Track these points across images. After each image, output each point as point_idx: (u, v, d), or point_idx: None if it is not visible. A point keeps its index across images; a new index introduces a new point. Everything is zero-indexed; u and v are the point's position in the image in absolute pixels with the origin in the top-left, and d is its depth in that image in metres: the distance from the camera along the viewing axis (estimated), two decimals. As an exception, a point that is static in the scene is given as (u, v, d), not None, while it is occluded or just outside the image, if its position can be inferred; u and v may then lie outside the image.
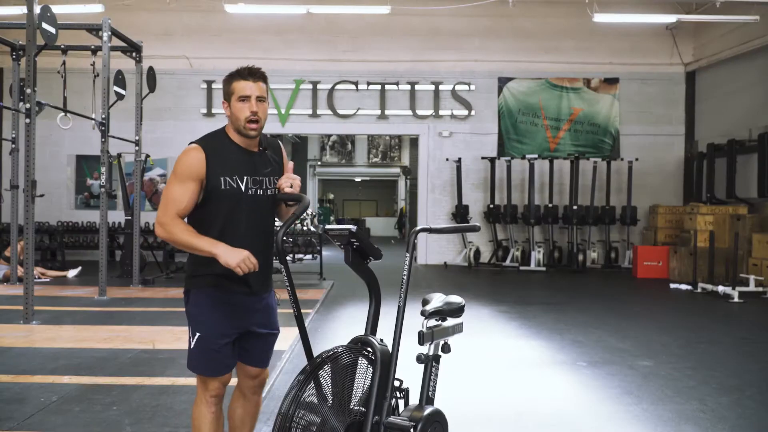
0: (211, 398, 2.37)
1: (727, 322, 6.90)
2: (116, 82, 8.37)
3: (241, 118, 2.33)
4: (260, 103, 2.34)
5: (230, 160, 2.36)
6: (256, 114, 2.33)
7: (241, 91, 2.32)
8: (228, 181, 2.34)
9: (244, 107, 2.32)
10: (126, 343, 5.12)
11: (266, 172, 2.44)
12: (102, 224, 7.85)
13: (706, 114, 12.46)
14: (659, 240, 11.77)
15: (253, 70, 2.36)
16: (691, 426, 3.43)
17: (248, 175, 2.38)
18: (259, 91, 2.34)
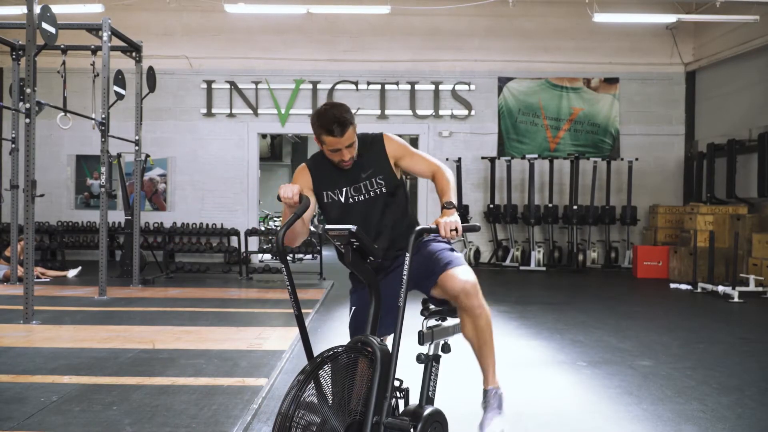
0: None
1: (727, 322, 6.90)
2: (116, 82, 8.37)
3: (334, 160, 2.62)
4: (350, 148, 2.58)
5: (327, 176, 2.67)
6: (347, 160, 2.59)
7: (331, 145, 2.56)
8: (329, 194, 2.68)
9: (334, 155, 2.59)
10: (126, 343, 5.12)
11: (365, 176, 2.65)
12: (102, 224, 7.85)
13: (706, 114, 12.46)
14: (659, 240, 11.77)
15: (339, 122, 2.51)
16: (691, 426, 3.43)
17: (347, 186, 2.66)
18: (349, 139, 2.55)
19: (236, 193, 12.76)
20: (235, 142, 12.75)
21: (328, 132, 2.52)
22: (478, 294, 2.46)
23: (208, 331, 5.74)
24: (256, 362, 4.57)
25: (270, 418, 3.45)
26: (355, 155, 2.61)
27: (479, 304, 2.48)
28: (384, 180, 2.66)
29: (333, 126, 2.51)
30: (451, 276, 2.50)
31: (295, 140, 22.72)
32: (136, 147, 8.97)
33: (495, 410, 2.66)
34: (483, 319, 2.53)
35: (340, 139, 2.52)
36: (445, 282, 2.49)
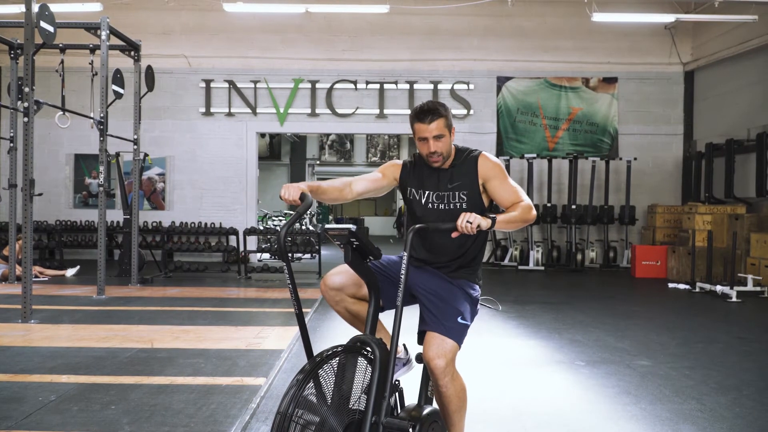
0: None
1: (725, 321, 6.91)
2: (115, 81, 8.36)
3: (423, 154, 2.64)
4: (438, 141, 2.58)
5: (418, 176, 2.71)
6: (435, 152, 2.58)
7: (419, 133, 2.59)
8: (413, 191, 2.72)
9: (423, 146, 2.61)
10: (124, 342, 5.12)
11: (450, 187, 2.65)
12: (100, 223, 7.84)
13: (704, 113, 12.47)
14: (658, 239, 11.78)
15: (429, 110, 2.58)
16: (689, 425, 3.43)
17: (431, 190, 2.68)
18: (437, 130, 2.57)
19: (235, 192, 12.75)
20: (234, 142, 12.74)
21: (417, 118, 2.59)
22: (444, 375, 2.41)
23: (207, 330, 5.73)
24: (255, 361, 4.56)
25: (269, 417, 3.45)
26: (444, 153, 2.61)
27: (444, 384, 2.43)
28: (467, 197, 2.63)
29: (422, 113, 2.58)
30: (429, 342, 2.45)
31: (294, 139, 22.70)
32: (135, 146, 8.96)
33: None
34: (448, 397, 2.48)
35: (427, 127, 2.56)
36: (426, 341, 2.48)
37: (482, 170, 2.65)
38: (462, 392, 2.53)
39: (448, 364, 2.42)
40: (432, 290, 2.58)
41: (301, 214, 2.28)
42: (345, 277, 2.61)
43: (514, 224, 2.46)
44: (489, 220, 2.31)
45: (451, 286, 2.61)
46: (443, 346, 2.43)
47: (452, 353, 2.45)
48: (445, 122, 2.60)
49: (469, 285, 2.67)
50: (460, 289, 2.62)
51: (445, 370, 2.41)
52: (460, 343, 2.49)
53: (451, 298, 2.55)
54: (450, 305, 2.52)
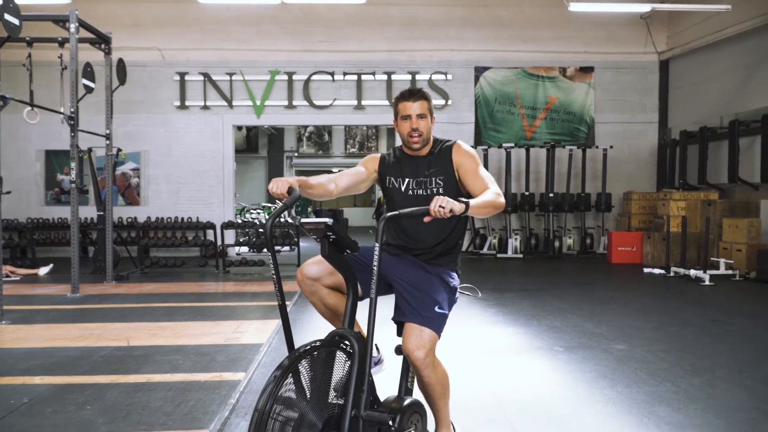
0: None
1: (699, 305, 7.01)
2: (85, 75, 8.20)
3: (404, 133, 2.71)
4: (421, 120, 2.69)
5: (396, 166, 2.79)
6: (417, 129, 2.67)
7: (403, 111, 2.70)
8: (392, 180, 2.78)
9: (406, 124, 2.70)
10: (100, 341, 5.05)
11: (428, 173, 2.71)
12: (73, 220, 7.71)
13: (679, 102, 12.61)
14: (633, 226, 11.92)
15: (414, 91, 2.72)
16: (665, 407, 3.48)
17: (410, 177, 2.74)
18: (421, 109, 2.69)
19: (212, 186, 12.63)
20: (210, 135, 12.60)
21: (402, 97, 2.71)
22: (425, 366, 2.41)
23: (185, 326, 5.68)
24: (234, 356, 4.53)
25: (248, 412, 3.42)
26: (424, 134, 2.69)
27: (426, 374, 2.44)
28: (444, 182, 2.68)
29: (408, 92, 2.71)
30: (408, 334, 2.44)
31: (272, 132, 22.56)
32: (107, 141, 8.82)
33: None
34: (431, 386, 2.49)
35: (412, 105, 2.67)
36: (404, 332, 2.47)
37: (456, 159, 2.71)
38: (444, 379, 2.56)
39: (428, 355, 2.42)
40: (409, 280, 2.57)
41: (288, 206, 2.27)
42: (322, 267, 2.59)
43: (486, 209, 2.45)
44: (462, 205, 2.29)
45: (428, 275, 2.61)
46: (422, 337, 2.42)
47: (431, 343, 2.45)
48: (428, 105, 2.73)
49: (447, 273, 2.67)
50: (438, 277, 2.62)
51: (425, 361, 2.41)
52: (439, 332, 2.49)
53: (428, 288, 2.55)
54: (427, 295, 2.52)
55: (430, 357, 2.43)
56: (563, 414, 3.43)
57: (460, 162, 2.69)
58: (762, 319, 6.10)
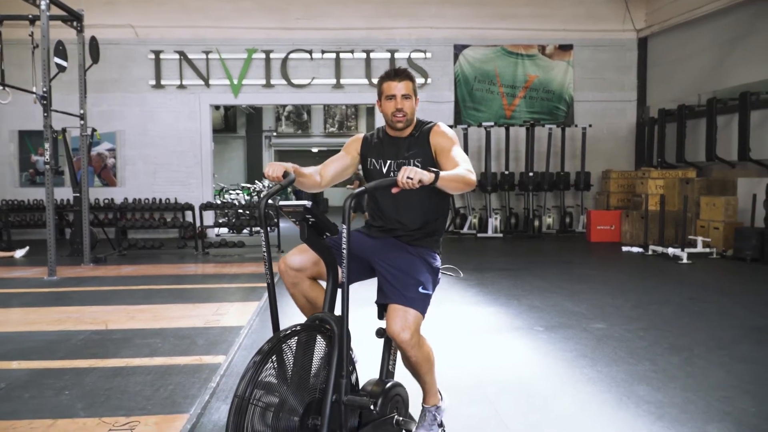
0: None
1: (677, 283, 7.10)
2: (57, 54, 8.01)
3: (388, 113, 2.68)
4: (405, 100, 2.66)
5: (377, 147, 2.77)
6: (401, 110, 2.65)
7: (387, 90, 2.67)
8: (373, 161, 2.77)
9: (390, 104, 2.67)
10: (78, 325, 4.98)
11: (408, 155, 2.69)
12: (48, 202, 7.57)
13: (657, 80, 12.66)
14: (612, 204, 12.02)
15: (399, 71, 2.68)
16: (644, 386, 3.52)
17: (392, 159, 2.72)
18: (405, 89, 2.66)
19: (189, 166, 12.47)
20: (187, 114, 12.42)
21: (387, 77, 2.67)
22: (411, 347, 2.40)
23: (164, 308, 5.62)
24: (214, 339, 4.50)
25: (229, 396, 3.40)
26: (408, 114, 2.66)
27: (413, 354, 2.43)
28: (421, 164, 2.64)
29: (393, 72, 2.68)
30: (392, 316, 2.42)
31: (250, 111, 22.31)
32: (82, 121, 8.65)
33: (424, 427, 2.66)
34: (418, 364, 2.50)
35: (397, 84, 2.64)
36: (388, 314, 2.45)
37: (433, 140, 2.68)
38: (430, 355, 2.58)
39: (413, 335, 2.41)
40: (391, 262, 2.55)
41: (283, 186, 2.28)
42: (306, 258, 2.56)
43: (456, 183, 2.37)
44: (432, 174, 2.22)
45: (411, 257, 2.59)
46: (407, 318, 2.41)
47: (416, 324, 2.43)
48: (413, 86, 2.69)
49: (429, 254, 2.66)
50: (420, 258, 2.61)
51: (411, 342, 2.41)
52: (423, 312, 2.48)
53: (411, 269, 2.53)
54: (410, 276, 2.50)
55: (416, 338, 2.42)
56: (544, 394, 3.46)
57: (436, 142, 2.66)
58: (739, 297, 6.20)
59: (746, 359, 4.03)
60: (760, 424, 2.96)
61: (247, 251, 10.04)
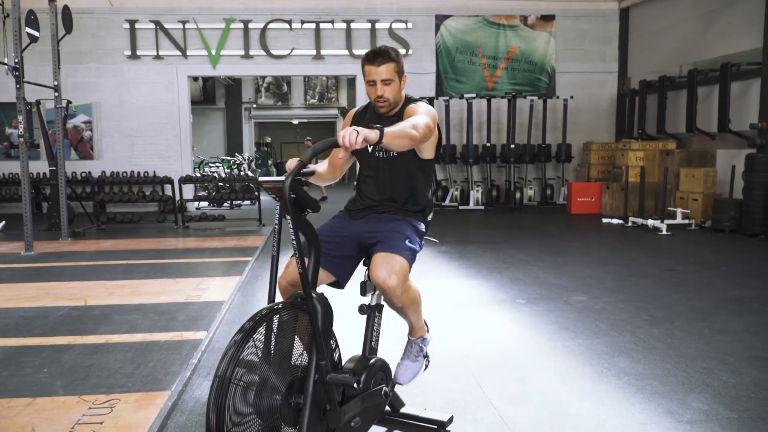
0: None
1: (656, 254, 7.17)
2: (28, 23, 7.76)
3: (371, 97, 2.59)
4: (387, 86, 2.53)
5: (365, 123, 2.58)
6: (382, 97, 2.54)
7: (368, 75, 2.54)
8: None
9: (371, 90, 2.56)
10: (56, 301, 4.91)
11: None
12: (24, 175, 7.41)
13: (638, 51, 12.63)
14: (592, 176, 12.07)
15: (379, 53, 2.53)
16: (624, 358, 3.56)
17: None
18: (386, 74, 2.52)
19: (168, 139, 12.28)
20: (164, 86, 12.18)
21: (367, 60, 2.54)
22: (396, 292, 2.34)
23: (143, 284, 5.56)
24: (195, 315, 4.46)
25: (211, 372, 3.38)
26: (391, 100, 2.56)
27: (399, 302, 2.38)
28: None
29: (372, 54, 2.53)
30: (377, 263, 2.36)
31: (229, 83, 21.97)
32: (56, 93, 8.43)
33: (410, 358, 2.66)
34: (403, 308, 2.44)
35: (377, 69, 2.51)
36: (372, 263, 2.39)
37: (406, 114, 2.57)
38: (416, 297, 2.51)
39: (401, 283, 2.35)
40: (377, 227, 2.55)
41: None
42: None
43: (401, 139, 2.25)
44: (376, 131, 2.12)
45: (396, 220, 2.59)
46: (393, 263, 2.34)
47: (403, 271, 2.37)
48: (396, 67, 2.54)
49: (414, 220, 2.65)
50: (404, 220, 2.61)
51: (398, 289, 2.34)
52: (410, 263, 2.44)
53: (396, 227, 2.53)
54: (396, 231, 2.50)
55: (402, 286, 2.36)
56: (526, 366, 3.48)
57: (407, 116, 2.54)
58: (717, 269, 6.27)
59: (725, 330, 4.09)
60: (740, 395, 3.00)
61: (228, 225, 9.96)
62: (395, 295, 2.35)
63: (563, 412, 2.85)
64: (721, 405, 2.89)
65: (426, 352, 2.73)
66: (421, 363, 2.69)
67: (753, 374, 3.28)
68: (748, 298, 4.97)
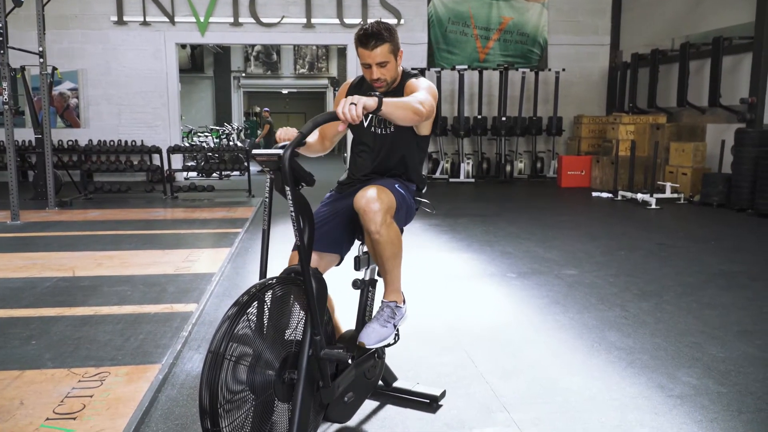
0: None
1: (646, 228, 7.20)
2: (11, -14, 7.55)
3: (367, 78, 2.51)
4: (381, 68, 2.46)
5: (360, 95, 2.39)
6: (378, 79, 2.47)
7: (362, 58, 2.46)
8: None
9: (367, 72, 2.49)
10: (43, 271, 4.87)
11: None
12: (9, 143, 7.29)
13: (631, 24, 12.53)
14: (583, 150, 12.06)
15: (371, 35, 2.41)
16: (615, 332, 3.58)
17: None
18: (381, 56, 2.43)
19: (156, 107, 12.11)
20: (152, 53, 11.97)
21: (360, 43, 2.45)
22: (376, 218, 2.26)
23: (132, 255, 5.52)
24: (185, 287, 4.43)
25: (201, 345, 3.37)
26: (388, 80, 2.49)
27: (376, 230, 2.28)
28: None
29: (365, 37, 2.42)
30: (363, 191, 2.31)
31: (217, 51, 21.64)
32: (41, 59, 8.26)
33: (379, 322, 2.47)
34: (381, 245, 2.34)
35: (370, 53, 2.42)
36: (357, 195, 2.33)
37: (405, 89, 2.52)
38: (397, 238, 2.40)
39: (385, 212, 2.28)
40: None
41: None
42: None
43: (404, 110, 2.23)
44: (375, 99, 2.09)
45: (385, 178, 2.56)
46: (379, 193, 2.29)
47: (389, 202, 2.32)
48: (390, 47, 2.44)
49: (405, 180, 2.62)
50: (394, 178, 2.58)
51: (379, 215, 2.26)
52: (396, 201, 2.38)
53: (385, 181, 2.49)
54: (386, 180, 2.49)
55: (385, 216, 2.29)
56: (517, 340, 3.49)
57: (406, 91, 2.50)
58: (705, 243, 6.31)
59: (713, 305, 4.12)
60: (729, 370, 3.03)
61: (217, 195, 9.88)
62: (376, 220, 2.26)
63: (554, 386, 2.87)
64: (710, 379, 2.92)
65: (397, 324, 2.54)
66: (391, 331, 2.50)
67: (741, 348, 3.31)
68: (736, 273, 5.01)
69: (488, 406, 2.66)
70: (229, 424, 1.86)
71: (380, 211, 2.26)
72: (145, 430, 2.45)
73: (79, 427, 2.39)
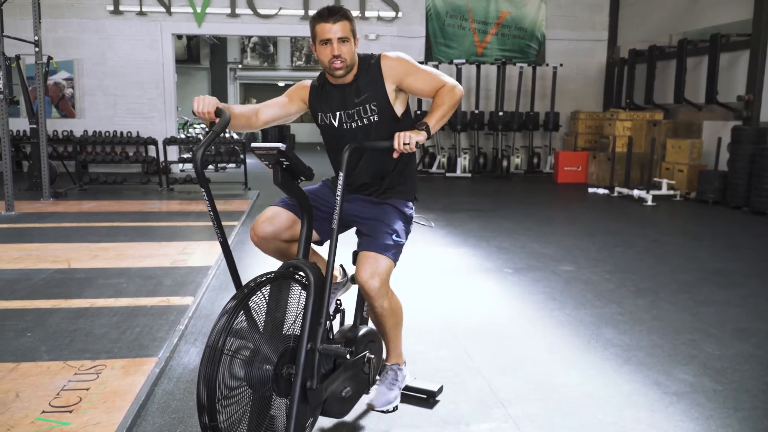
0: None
1: (642, 225, 7.21)
2: (6, -25, 7.49)
3: (325, 60, 2.38)
4: (343, 44, 2.35)
5: (324, 98, 2.49)
6: (339, 56, 2.35)
7: (322, 34, 2.36)
8: (322, 117, 2.51)
9: (326, 50, 2.36)
10: (39, 263, 4.84)
11: (357, 101, 2.43)
12: (3, 133, 7.24)
13: (629, 19, 12.52)
14: (579, 145, 12.06)
15: (333, 10, 2.36)
16: (611, 329, 3.58)
17: (341, 110, 2.46)
18: (342, 32, 2.34)
19: (152, 98, 12.04)
20: (148, 44, 11.89)
21: (320, 18, 2.35)
22: (378, 296, 2.31)
23: (128, 247, 5.49)
24: (181, 280, 4.42)
25: (198, 338, 3.36)
26: (348, 60, 2.36)
27: (379, 305, 2.34)
28: (377, 107, 2.41)
29: (327, 11, 2.35)
30: (362, 262, 2.33)
31: (214, 41, 21.52)
32: (36, 48, 8.19)
33: (386, 385, 2.54)
34: (384, 317, 2.40)
35: (332, 27, 2.33)
36: (358, 261, 2.37)
37: (388, 72, 2.43)
38: (398, 310, 2.49)
39: (383, 285, 2.34)
40: (363, 213, 2.49)
41: (218, 133, 2.07)
42: (277, 223, 2.43)
43: (446, 118, 2.32)
44: (423, 133, 2.20)
45: (382, 205, 2.52)
46: (377, 266, 2.34)
47: (387, 273, 2.37)
48: (351, 26, 2.38)
49: (402, 203, 2.57)
50: (392, 207, 2.53)
51: (380, 291, 2.32)
52: (395, 261, 2.42)
53: (383, 217, 2.46)
54: (382, 223, 2.44)
55: (385, 287, 2.36)
56: (514, 336, 3.49)
57: (394, 74, 2.42)
58: (701, 240, 6.33)
59: (709, 302, 4.13)
60: (725, 367, 3.04)
61: (214, 188, 9.74)
62: (377, 296, 2.33)
63: (551, 382, 2.87)
64: (706, 377, 2.93)
65: (401, 386, 2.59)
66: (396, 393, 2.55)
67: (737, 346, 3.32)
68: (731, 271, 5.02)
69: (485, 402, 2.66)
70: (226, 419, 1.85)
71: (380, 286, 2.32)
72: (141, 423, 2.44)
73: (75, 420, 2.38)
